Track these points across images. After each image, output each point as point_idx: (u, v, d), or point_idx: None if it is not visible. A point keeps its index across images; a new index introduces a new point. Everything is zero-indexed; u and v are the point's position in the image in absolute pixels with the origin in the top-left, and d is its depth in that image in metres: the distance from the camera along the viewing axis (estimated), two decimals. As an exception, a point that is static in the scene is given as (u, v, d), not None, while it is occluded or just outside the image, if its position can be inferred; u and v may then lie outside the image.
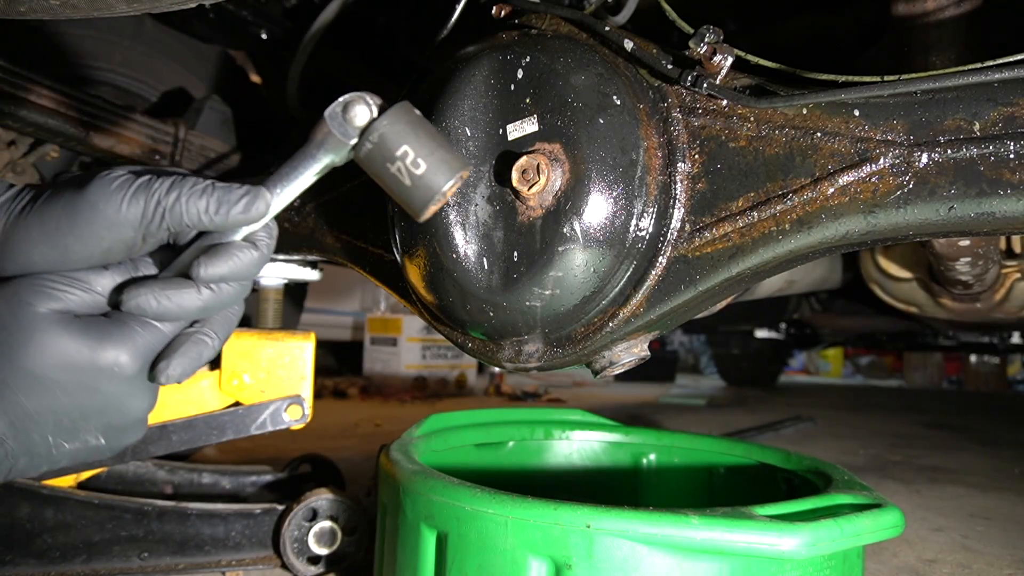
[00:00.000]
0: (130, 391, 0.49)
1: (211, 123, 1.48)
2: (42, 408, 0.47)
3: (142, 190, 0.46)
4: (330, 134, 0.50)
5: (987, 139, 0.58)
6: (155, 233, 0.48)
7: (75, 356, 0.47)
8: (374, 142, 0.49)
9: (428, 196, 0.50)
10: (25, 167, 1.41)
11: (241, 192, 0.48)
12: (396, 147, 0.49)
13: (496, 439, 1.20)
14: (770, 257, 0.69)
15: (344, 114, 0.50)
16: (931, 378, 7.41)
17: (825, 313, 3.19)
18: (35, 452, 0.48)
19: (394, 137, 0.49)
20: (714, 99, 0.72)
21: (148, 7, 0.87)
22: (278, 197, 0.50)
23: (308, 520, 1.09)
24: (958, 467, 2.35)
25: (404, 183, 0.50)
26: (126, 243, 0.48)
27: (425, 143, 0.50)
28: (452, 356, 4.58)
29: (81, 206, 0.46)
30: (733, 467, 1.15)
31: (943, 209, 0.61)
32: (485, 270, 0.77)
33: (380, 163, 0.50)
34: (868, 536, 0.71)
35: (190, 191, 0.47)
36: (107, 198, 0.46)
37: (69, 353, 0.46)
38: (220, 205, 0.47)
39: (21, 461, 0.48)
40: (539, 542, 0.70)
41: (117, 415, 0.49)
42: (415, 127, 0.50)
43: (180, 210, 0.47)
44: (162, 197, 0.46)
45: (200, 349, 0.51)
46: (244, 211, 0.48)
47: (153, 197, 0.46)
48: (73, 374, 0.47)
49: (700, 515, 0.68)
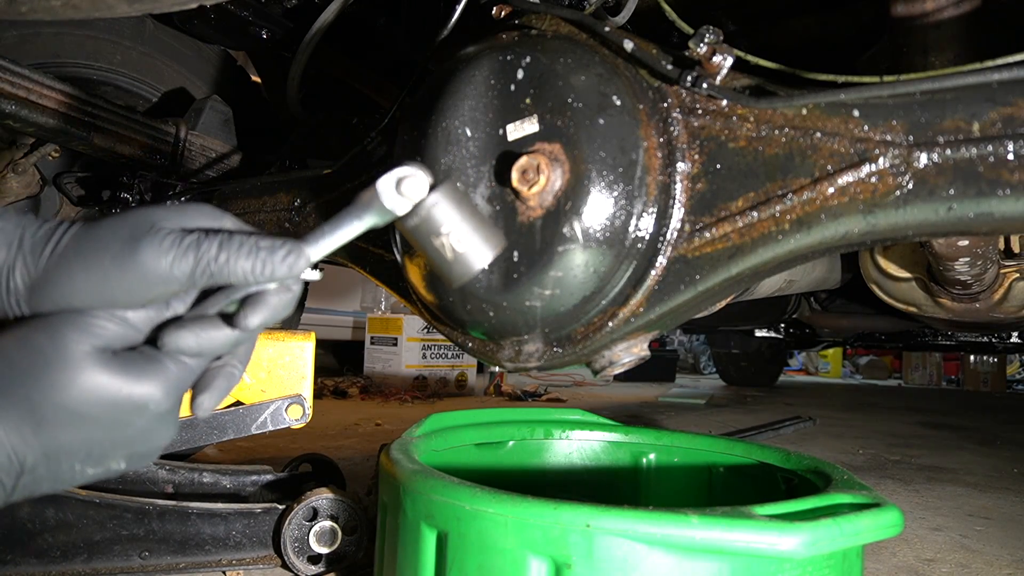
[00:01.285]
0: (160, 424, 0.51)
1: (212, 123, 1.48)
2: (76, 441, 0.48)
3: (191, 250, 0.48)
4: (379, 203, 0.51)
5: (986, 139, 0.59)
6: (198, 287, 0.50)
7: (113, 394, 0.48)
8: (423, 217, 0.52)
9: (468, 271, 0.54)
10: (26, 167, 1.41)
11: (284, 252, 0.50)
12: (442, 224, 0.52)
13: (496, 439, 1.20)
14: (770, 257, 0.69)
15: (398, 187, 0.51)
16: (930, 378, 7.41)
17: (824, 313, 3.19)
18: (61, 479, 0.49)
19: (441, 215, 0.52)
20: (714, 99, 0.73)
21: (149, 7, 0.87)
22: (316, 254, 0.53)
23: (308, 519, 1.09)
24: (957, 467, 2.36)
25: (446, 256, 0.53)
26: (170, 294, 0.50)
27: (469, 221, 0.53)
28: (452, 356, 4.58)
29: (131, 263, 0.48)
30: (733, 467, 1.15)
31: (942, 209, 0.61)
32: (485, 270, 0.78)
33: (425, 236, 0.53)
34: (867, 535, 0.72)
35: (237, 252, 0.49)
36: (157, 257, 0.48)
37: (108, 391, 0.48)
38: (264, 266, 0.49)
39: (44, 485, 0.49)
40: (539, 542, 0.70)
41: (144, 445, 0.51)
42: (460, 205, 0.53)
43: (227, 271, 0.49)
44: (211, 260, 0.48)
45: (230, 382, 0.54)
46: (286, 271, 0.50)
47: (202, 260, 0.48)
48: (110, 410, 0.48)
49: (700, 515, 0.68)
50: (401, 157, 0.87)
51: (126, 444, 0.50)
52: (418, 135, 0.83)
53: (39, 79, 1.16)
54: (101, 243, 0.48)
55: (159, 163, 1.37)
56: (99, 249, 0.48)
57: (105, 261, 0.48)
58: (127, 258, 0.47)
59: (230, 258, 0.48)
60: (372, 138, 1.03)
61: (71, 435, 0.48)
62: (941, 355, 7.21)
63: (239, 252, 0.49)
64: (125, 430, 0.49)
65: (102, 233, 0.49)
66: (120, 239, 0.48)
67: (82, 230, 0.49)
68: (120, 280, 0.48)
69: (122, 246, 0.48)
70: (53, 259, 0.48)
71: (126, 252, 0.48)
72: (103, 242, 0.48)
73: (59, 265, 0.48)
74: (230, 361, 0.54)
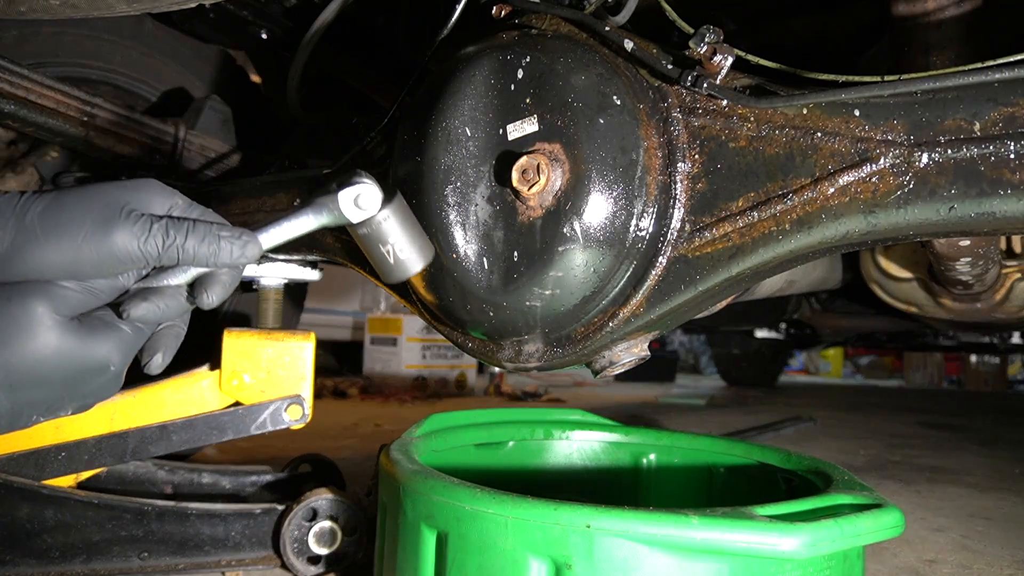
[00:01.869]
0: (114, 381, 0.58)
1: (211, 123, 1.48)
2: (40, 397, 0.55)
3: (160, 235, 0.54)
4: (335, 210, 0.59)
5: (987, 139, 0.58)
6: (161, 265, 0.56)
7: (78, 357, 0.54)
8: (373, 228, 0.61)
9: (404, 274, 0.64)
10: (25, 167, 1.41)
11: (241, 242, 0.56)
12: (389, 235, 0.61)
13: (496, 439, 1.20)
14: (770, 257, 0.69)
15: (356, 201, 0.59)
16: (931, 378, 7.41)
17: (825, 313, 3.19)
18: (16, 426, 0.56)
19: (390, 228, 0.61)
20: (714, 99, 0.72)
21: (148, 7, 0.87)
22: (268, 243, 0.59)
23: (308, 520, 1.09)
24: (958, 467, 2.35)
25: (389, 261, 0.63)
26: (136, 270, 0.57)
27: (410, 233, 0.62)
28: (452, 356, 4.58)
29: (105, 243, 0.53)
30: (733, 467, 1.15)
31: (943, 209, 0.61)
32: (485, 270, 0.77)
33: (373, 243, 0.62)
34: (868, 536, 0.71)
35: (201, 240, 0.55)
36: (130, 239, 0.53)
37: (74, 355, 0.54)
38: (221, 252, 0.55)
39: (2, 425, 0.55)
40: (539, 542, 0.70)
41: (94, 398, 0.58)
42: (405, 220, 0.62)
43: (190, 254, 0.55)
44: (179, 247, 0.54)
45: (178, 340, 0.61)
46: (241, 256, 0.56)
47: (171, 245, 0.54)
48: (73, 371, 0.54)
49: (700, 515, 0.68)
50: (399, 159, 0.86)
51: (81, 398, 0.57)
52: (418, 135, 0.83)
53: (38, 79, 1.16)
54: (72, 222, 0.53)
55: (158, 163, 1.37)
56: (71, 226, 0.53)
57: (78, 239, 0.53)
58: (101, 238, 0.53)
59: (195, 245, 0.55)
60: (372, 138, 1.03)
61: (37, 393, 0.54)
62: (942, 355, 7.21)
63: (203, 240, 0.55)
64: (84, 387, 0.56)
65: (73, 211, 0.53)
66: (92, 220, 0.53)
67: (51, 205, 0.53)
68: (92, 256, 0.53)
69: (94, 227, 0.53)
70: (23, 234, 0.52)
71: (100, 233, 0.53)
72: (74, 221, 0.53)
73: (29, 240, 0.52)
74: (176, 322, 0.61)
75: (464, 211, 0.79)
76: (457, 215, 0.79)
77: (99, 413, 1.08)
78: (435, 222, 0.79)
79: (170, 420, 1.09)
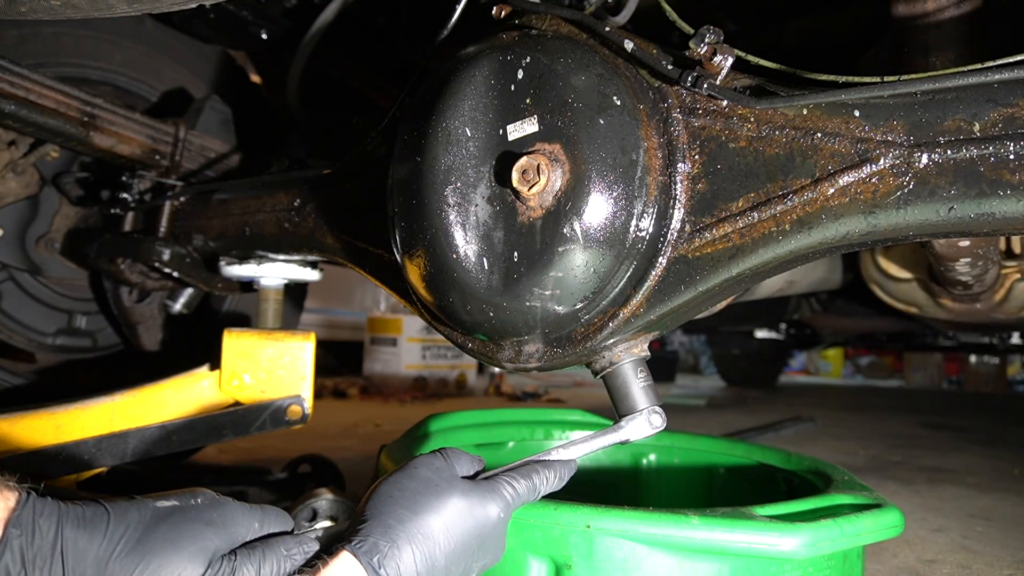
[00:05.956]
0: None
1: (211, 123, 1.48)
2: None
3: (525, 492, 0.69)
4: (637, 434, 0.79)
5: (987, 140, 0.58)
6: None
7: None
8: None
9: None
10: (25, 167, 1.41)
11: (564, 473, 0.73)
12: None
13: (496, 439, 1.20)
14: (770, 257, 0.69)
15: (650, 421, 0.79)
16: (931, 378, 7.41)
17: (825, 313, 3.19)
18: None
19: None
20: (714, 100, 0.72)
21: (148, 7, 0.87)
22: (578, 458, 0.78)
23: (308, 520, 1.09)
24: (958, 467, 2.35)
25: None
26: None
27: None
28: (452, 356, 4.58)
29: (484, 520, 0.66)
30: (733, 467, 1.15)
31: (943, 210, 0.61)
32: (485, 270, 0.77)
33: None
34: (868, 536, 0.71)
35: (545, 485, 0.70)
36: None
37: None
38: (555, 483, 0.72)
39: None
40: (539, 542, 0.70)
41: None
42: None
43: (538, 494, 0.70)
44: (535, 491, 0.70)
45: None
46: (562, 483, 0.73)
47: (534, 492, 0.69)
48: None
49: (700, 515, 0.68)
50: (399, 159, 0.86)
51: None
52: (418, 135, 0.83)
53: (38, 79, 1.16)
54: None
55: (158, 163, 1.37)
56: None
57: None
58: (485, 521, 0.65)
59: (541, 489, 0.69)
60: (372, 138, 1.03)
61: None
62: (942, 355, 7.21)
63: (547, 485, 0.69)
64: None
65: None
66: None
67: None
68: None
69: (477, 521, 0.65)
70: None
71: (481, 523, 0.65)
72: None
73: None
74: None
75: (464, 211, 0.79)
76: (457, 215, 0.79)
77: (99, 413, 1.07)
78: (435, 222, 0.79)
79: (170, 420, 1.09)
